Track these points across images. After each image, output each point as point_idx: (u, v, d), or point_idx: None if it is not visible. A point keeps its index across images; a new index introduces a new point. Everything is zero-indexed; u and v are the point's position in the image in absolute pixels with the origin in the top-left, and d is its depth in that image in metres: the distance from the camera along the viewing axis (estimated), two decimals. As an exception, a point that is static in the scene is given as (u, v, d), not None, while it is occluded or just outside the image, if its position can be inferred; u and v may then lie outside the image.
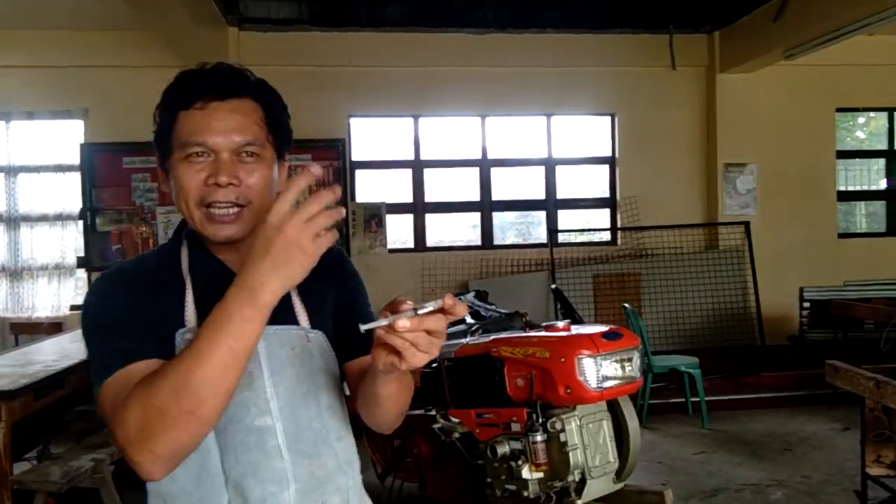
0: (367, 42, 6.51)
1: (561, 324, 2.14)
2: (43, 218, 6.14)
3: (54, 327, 5.97)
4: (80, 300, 6.28)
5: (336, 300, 1.25)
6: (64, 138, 6.21)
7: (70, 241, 6.16)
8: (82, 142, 6.11)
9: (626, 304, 5.57)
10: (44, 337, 5.23)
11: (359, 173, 6.78)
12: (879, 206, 7.77)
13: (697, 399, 5.45)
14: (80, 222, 6.13)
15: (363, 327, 0.94)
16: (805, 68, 6.84)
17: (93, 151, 6.06)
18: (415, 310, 0.90)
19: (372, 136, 6.83)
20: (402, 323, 0.89)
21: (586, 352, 1.95)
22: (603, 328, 2.08)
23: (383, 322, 0.90)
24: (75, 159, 6.12)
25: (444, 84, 6.73)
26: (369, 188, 6.84)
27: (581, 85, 6.91)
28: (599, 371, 1.96)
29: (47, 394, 3.89)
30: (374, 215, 6.65)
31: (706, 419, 5.37)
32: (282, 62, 6.13)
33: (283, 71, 6.39)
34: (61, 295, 6.12)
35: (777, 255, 7.05)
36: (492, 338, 2.23)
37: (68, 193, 6.16)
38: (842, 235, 7.45)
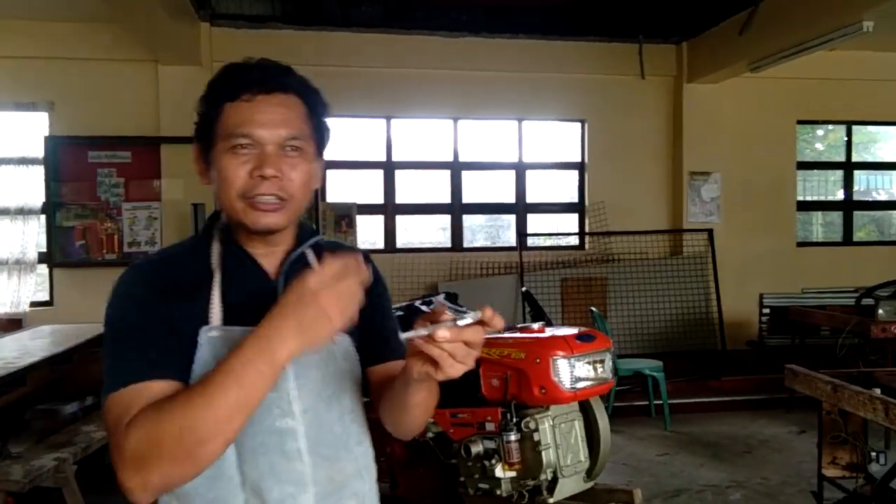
0: (341, 42, 6.50)
1: (536, 325, 2.18)
2: (4, 211, 5.98)
3: (13, 324, 5.83)
4: (41, 296, 6.17)
5: (378, 316, 1.24)
6: (28, 131, 6.07)
7: (32, 236, 6.01)
8: (47, 134, 5.97)
9: (593, 308, 5.66)
10: (2, 334, 5.11)
11: (330, 173, 6.76)
12: (836, 217, 8.02)
13: (660, 402, 5.57)
14: (43, 217, 5.99)
15: (403, 336, 0.95)
16: (769, 81, 7.04)
17: (57, 144, 5.93)
18: (454, 321, 0.91)
19: (344, 136, 6.82)
20: (443, 333, 0.90)
21: (561, 353, 2.00)
22: (576, 330, 2.13)
23: (423, 332, 0.91)
24: (39, 152, 5.98)
25: (418, 86, 6.75)
26: (340, 188, 6.83)
27: (552, 91, 7.00)
28: (573, 372, 2.01)
29: (9, 391, 3.81)
30: (345, 215, 6.64)
31: (669, 421, 5.48)
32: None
33: (255, 68, 6.38)
34: (21, 291, 5.97)
35: (739, 262, 7.23)
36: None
37: (31, 187, 6.02)
38: (800, 244, 7.68)
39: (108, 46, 5.97)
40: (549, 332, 2.16)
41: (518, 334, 2.17)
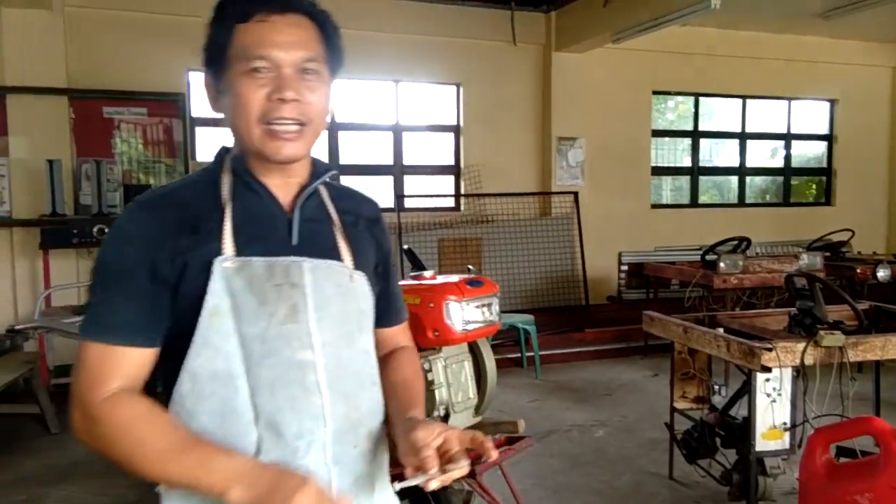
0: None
1: (428, 273, 2.30)
2: None
3: None
4: None
5: (376, 254, 1.24)
6: None
7: None
8: None
9: (470, 266, 5.88)
10: None
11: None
12: (684, 181, 8.76)
13: (532, 353, 5.93)
14: None
15: (397, 486, 1.06)
16: (628, 52, 7.50)
17: None
18: (443, 470, 1.00)
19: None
20: (434, 485, 1.00)
21: (453, 297, 2.12)
22: (466, 276, 2.26)
23: (415, 482, 1.01)
24: None
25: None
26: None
27: (429, 54, 7.08)
28: (464, 315, 2.14)
29: None
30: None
31: (539, 371, 5.86)
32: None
33: (115, 16, 5.94)
34: None
35: (600, 222, 7.73)
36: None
37: None
38: (654, 206, 8.33)
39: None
40: (440, 278, 2.28)
41: (412, 282, 2.27)
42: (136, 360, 1.04)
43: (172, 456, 0.99)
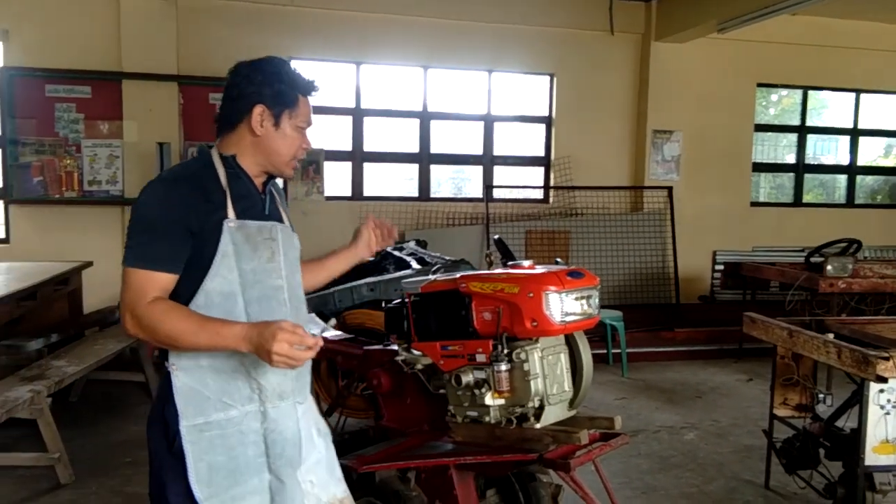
0: (312, -18, 6.35)
1: (526, 263, 2.27)
2: (-45, 144, 5.74)
3: (-32, 261, 5.65)
4: (-2, 233, 5.96)
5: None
6: (-19, 60, 5.80)
7: (-14, 171, 5.80)
8: (1, 65, 5.71)
9: (559, 259, 5.80)
10: (-41, 270, 4.96)
11: (297, 117, 6.66)
12: (786, 179, 8.33)
13: (618, 350, 5.80)
14: (-1, 151, 5.78)
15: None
16: (733, 43, 7.19)
17: (13, 77, 5.68)
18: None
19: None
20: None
21: (553, 288, 2.08)
22: (567, 267, 2.22)
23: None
24: (-7, 84, 5.73)
25: (387, 31, 6.67)
26: (308, 134, 6.72)
27: (522, 43, 7.01)
28: (563, 306, 2.10)
29: (-26, 325, 3.75)
30: (312, 162, 6.58)
31: (626, 369, 5.73)
32: (222, -4, 5.95)
33: (222, 6, 6.19)
34: (-25, 227, 5.78)
35: (694, 219, 7.47)
36: (459, 275, 2.33)
37: (-15, 120, 5.77)
38: (753, 204, 7.96)
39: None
40: (540, 268, 2.24)
41: (510, 271, 2.25)
42: (167, 281, 1.59)
43: (195, 330, 1.53)
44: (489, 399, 2.18)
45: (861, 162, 8.37)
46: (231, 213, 1.63)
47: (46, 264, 5.09)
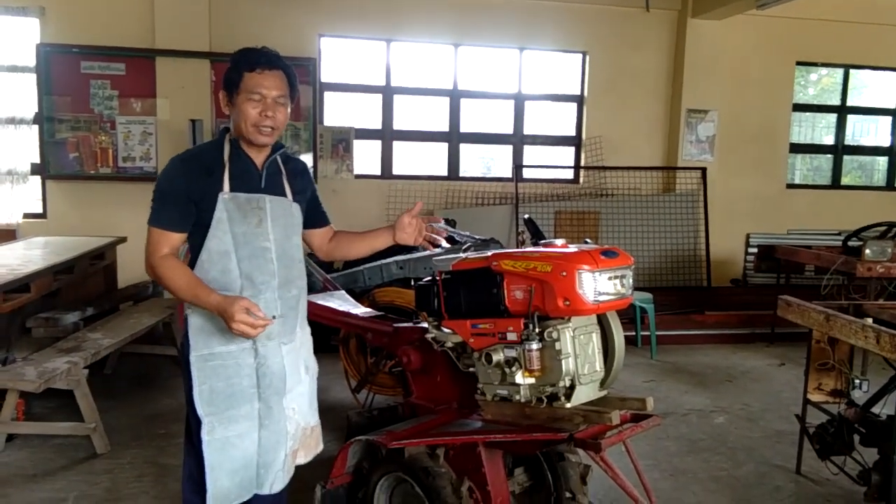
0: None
1: (559, 242, 2.24)
2: (-6, 120, 5.85)
3: (6, 235, 5.78)
4: (35, 208, 6.08)
5: (308, 196, 2.27)
6: (19, 37, 5.86)
7: (24, 147, 5.90)
8: (38, 42, 5.78)
9: (588, 239, 5.75)
10: (-2, 243, 5.07)
11: (328, 95, 6.66)
12: (823, 161, 8.12)
13: (647, 332, 5.75)
14: (35, 128, 5.86)
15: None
16: (772, 20, 7.00)
17: (49, 53, 5.75)
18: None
19: (342, 58, 6.69)
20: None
21: (586, 267, 2.05)
22: (600, 247, 2.18)
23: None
24: (30, 61, 5.81)
25: (418, 8, 6.61)
26: (338, 112, 6.74)
27: (554, 20, 6.90)
28: (596, 286, 2.07)
29: (13, 298, 3.83)
30: (342, 140, 6.59)
31: (654, 351, 5.68)
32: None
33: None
34: (14, 202, 5.90)
35: (728, 201, 7.34)
36: (491, 253, 2.31)
37: (22, 96, 5.86)
38: (789, 186, 7.79)
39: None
40: (573, 247, 2.21)
41: (542, 249, 2.22)
42: (176, 238, 2.02)
43: (189, 289, 1.94)
44: (520, 378, 2.17)
45: (903, 144, 8.12)
46: (226, 186, 2.01)
47: (82, 239, 5.18)
